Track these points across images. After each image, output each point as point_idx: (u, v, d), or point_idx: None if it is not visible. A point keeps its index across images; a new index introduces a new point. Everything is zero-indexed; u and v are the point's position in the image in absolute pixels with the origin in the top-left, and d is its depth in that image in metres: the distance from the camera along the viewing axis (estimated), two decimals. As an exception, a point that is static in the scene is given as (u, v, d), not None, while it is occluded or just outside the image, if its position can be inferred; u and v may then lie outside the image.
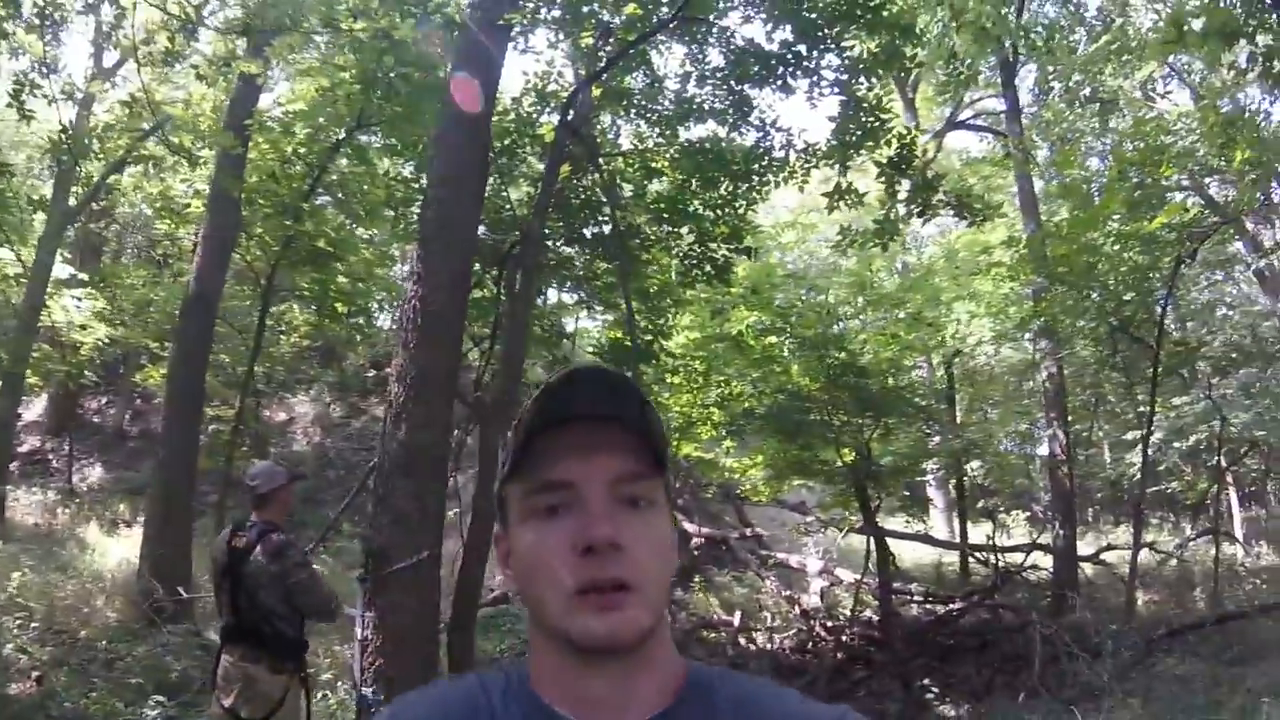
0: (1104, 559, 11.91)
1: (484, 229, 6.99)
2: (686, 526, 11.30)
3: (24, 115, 6.71)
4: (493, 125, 6.46)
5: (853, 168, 7.81)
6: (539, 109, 8.79)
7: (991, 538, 11.31)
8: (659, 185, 9.32)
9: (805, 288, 10.12)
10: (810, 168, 8.08)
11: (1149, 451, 10.40)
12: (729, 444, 11.95)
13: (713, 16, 7.26)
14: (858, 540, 13.19)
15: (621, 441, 0.84)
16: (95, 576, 8.54)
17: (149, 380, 15.30)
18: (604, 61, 7.53)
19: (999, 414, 18.25)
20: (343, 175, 10.91)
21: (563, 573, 0.80)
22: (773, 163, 8.09)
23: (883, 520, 10.07)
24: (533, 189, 8.98)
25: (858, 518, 10.46)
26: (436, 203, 5.51)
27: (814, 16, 6.72)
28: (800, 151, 7.95)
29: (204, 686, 6.04)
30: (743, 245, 8.92)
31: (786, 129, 7.87)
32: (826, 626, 9.64)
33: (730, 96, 7.64)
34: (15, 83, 6.71)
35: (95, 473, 16.22)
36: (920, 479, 15.73)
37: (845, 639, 9.43)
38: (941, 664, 8.63)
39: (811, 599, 10.56)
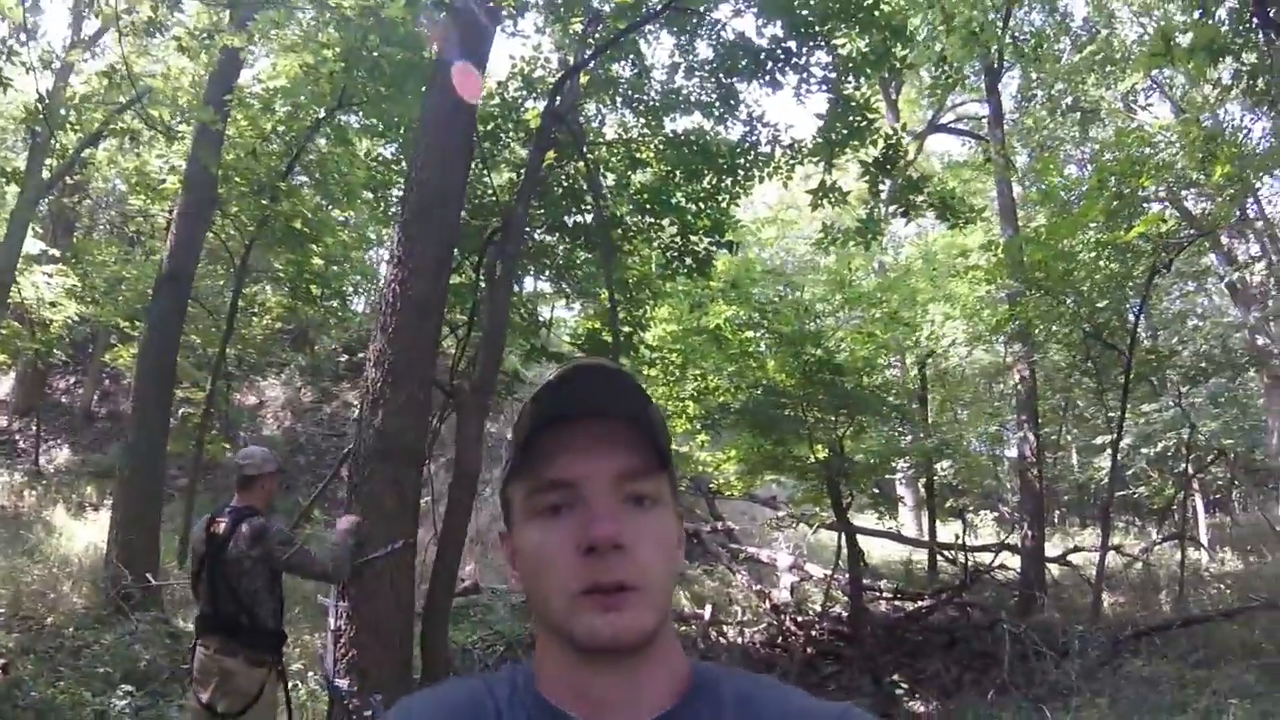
0: (1071, 560, 12.08)
1: (465, 214, 6.91)
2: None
3: (0, 83, 6.55)
4: (478, 109, 6.40)
5: (836, 166, 7.82)
6: (524, 94, 8.72)
7: (961, 537, 11.41)
8: (642, 176, 9.29)
9: (783, 284, 10.13)
10: (795, 164, 8.08)
11: (1118, 456, 10.54)
12: (703, 438, 11.96)
13: (704, 8, 7.23)
14: (827, 536, 13.29)
15: (624, 438, 0.83)
16: (62, 561, 8.40)
17: (118, 360, 15.07)
18: (592, 49, 7.48)
19: (969, 415, 18.44)
20: (322, 155, 10.77)
21: (565, 573, 0.80)
22: (758, 157, 8.08)
23: (853, 517, 10.12)
24: (515, 175, 8.91)
25: (829, 514, 10.51)
26: (419, 186, 5.45)
27: (805, 13, 6.71)
28: (786, 147, 7.95)
29: (172, 676, 5.97)
30: (724, 239, 8.91)
31: (773, 124, 7.87)
32: (796, 621, 9.68)
33: (718, 89, 7.62)
34: (-9, 48, 6.56)
35: (63, 454, 15.95)
36: (890, 477, 15.86)
37: (815, 634, 9.47)
38: (911, 660, 8.69)
39: (782, 594, 10.60)
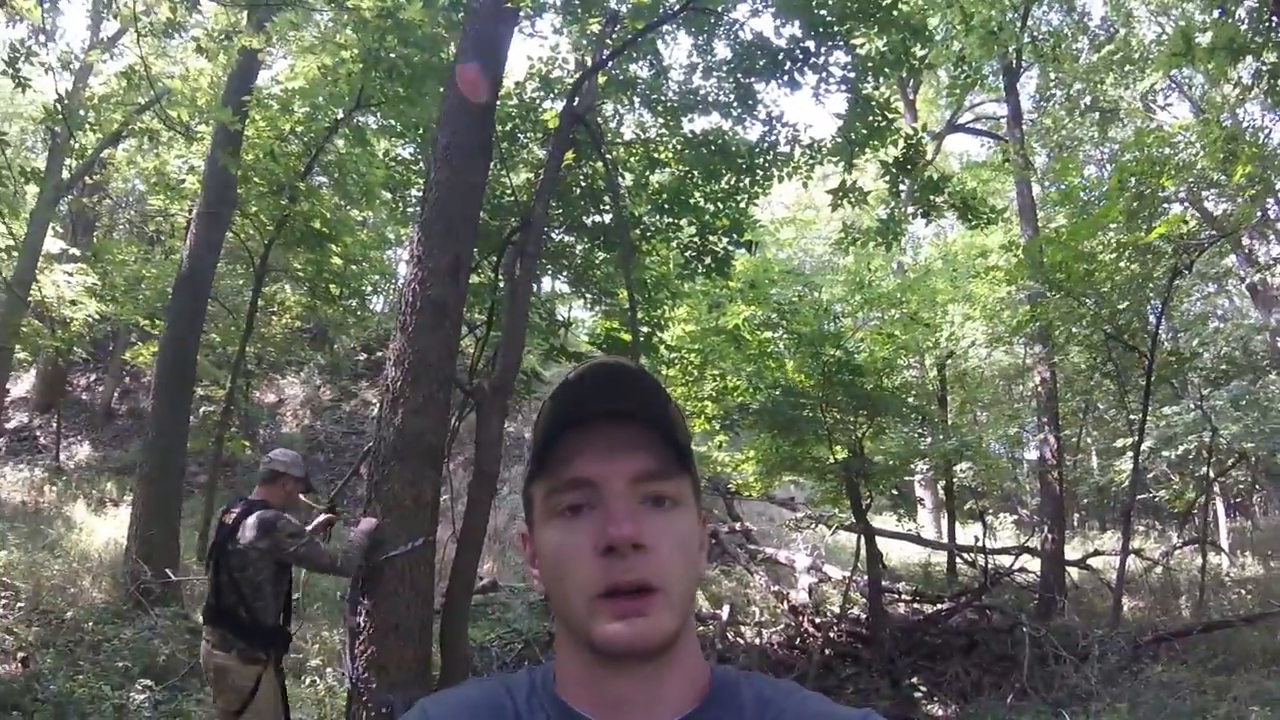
0: (1091, 564, 11.98)
1: (484, 214, 6.92)
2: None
3: (19, 83, 6.60)
4: (496, 109, 6.40)
5: (855, 166, 7.78)
6: (542, 95, 8.73)
7: (980, 539, 11.33)
8: (661, 176, 9.28)
9: (802, 284, 10.08)
10: (815, 164, 8.04)
11: (1139, 459, 10.44)
12: (721, 438, 11.93)
13: (721, 8, 7.20)
14: (846, 538, 13.23)
15: (643, 439, 0.83)
16: (82, 556, 8.47)
17: (138, 358, 15.21)
18: (610, 49, 7.47)
19: (989, 417, 18.33)
20: (340, 155, 10.82)
21: (584, 574, 0.79)
22: (777, 157, 8.04)
23: (872, 519, 10.07)
24: (533, 175, 8.91)
25: (848, 515, 10.46)
26: (438, 186, 5.44)
27: (824, 13, 6.66)
28: (805, 147, 7.91)
29: (191, 670, 6.01)
30: (743, 239, 8.88)
31: (792, 124, 7.83)
32: (814, 623, 9.63)
33: (736, 89, 7.58)
34: (12, 50, 6.60)
35: (83, 450, 16.11)
36: (909, 478, 15.79)
37: (833, 636, 9.42)
38: (930, 663, 8.63)
39: (800, 595, 10.56)
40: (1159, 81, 15.49)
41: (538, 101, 8.79)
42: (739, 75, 7.36)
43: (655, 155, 8.99)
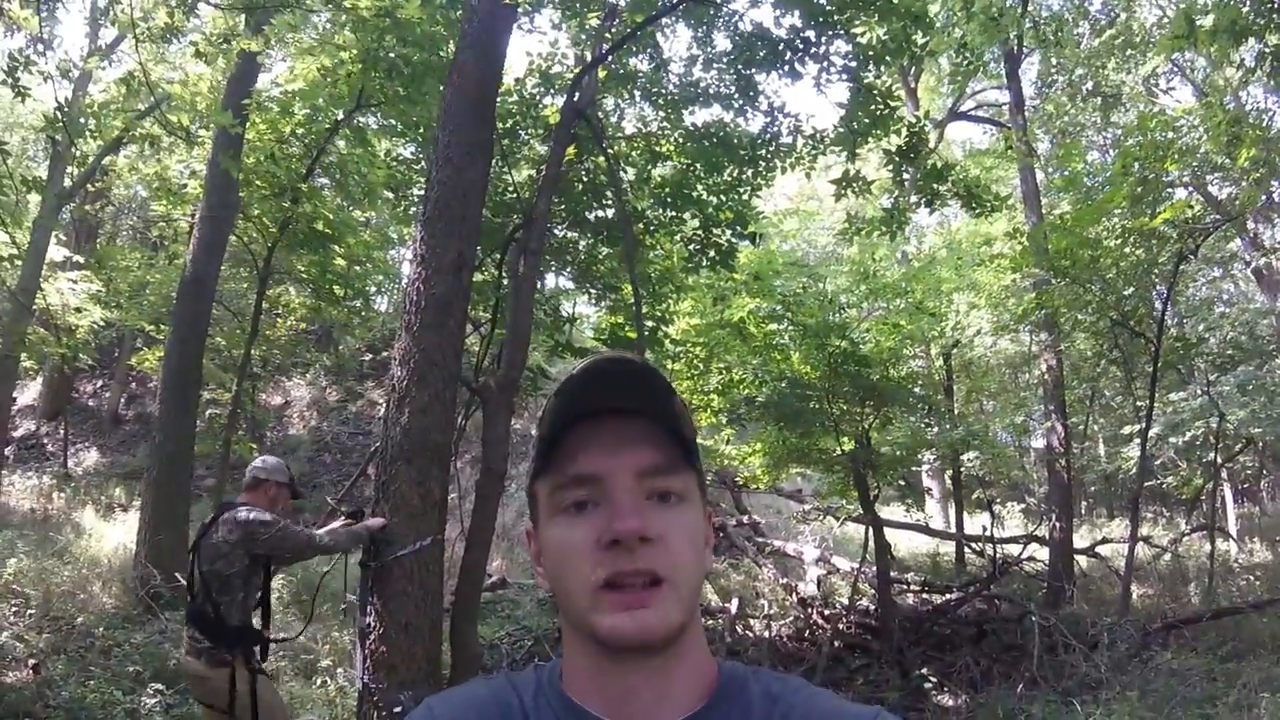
0: (1099, 552, 11.95)
1: (486, 211, 6.91)
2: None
3: (18, 93, 6.59)
4: (496, 106, 6.38)
5: (858, 156, 7.75)
6: (542, 90, 8.71)
7: (989, 529, 11.31)
8: (663, 169, 9.26)
9: (806, 275, 10.05)
10: (817, 154, 8.02)
11: (1146, 446, 10.40)
12: (728, 431, 11.92)
13: (720, 0, 7.18)
14: (854, 529, 13.21)
15: (649, 434, 0.82)
16: (92, 562, 8.48)
17: (144, 364, 15.23)
18: (610, 43, 7.45)
19: (996, 406, 18.30)
20: (342, 156, 10.82)
21: (588, 567, 0.79)
22: (779, 148, 8.02)
23: (879, 509, 10.04)
24: (535, 172, 8.90)
25: (855, 506, 10.45)
26: (439, 185, 5.43)
27: (823, 2, 6.64)
28: (807, 138, 7.89)
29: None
30: (747, 231, 8.86)
31: (794, 114, 7.80)
32: (824, 615, 9.62)
33: (737, 81, 7.56)
34: (10, 59, 6.59)
35: (91, 457, 16.16)
36: (917, 469, 15.77)
37: (842, 627, 9.41)
38: (939, 653, 8.62)
39: (808, 587, 10.55)
40: (1161, 65, 15.44)
41: (538, 97, 8.78)
42: (739, 66, 7.33)
43: (657, 149, 8.97)
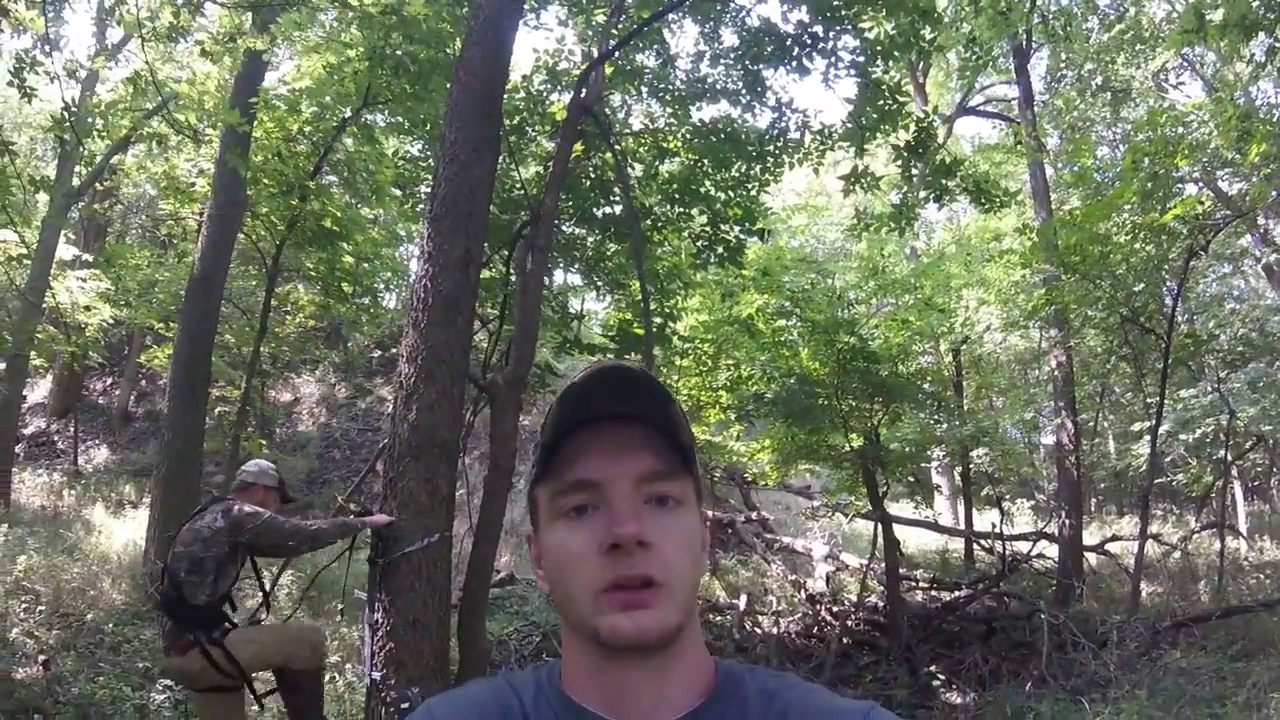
0: (1109, 549, 11.90)
1: (494, 208, 6.91)
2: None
3: (25, 93, 6.60)
4: (503, 103, 6.37)
5: (866, 151, 7.72)
6: (549, 87, 8.70)
7: (998, 526, 11.26)
8: (671, 165, 9.24)
9: (815, 271, 10.02)
10: (825, 150, 7.99)
11: (1157, 443, 10.33)
12: (737, 428, 11.89)
13: (727, -5, 7.16)
14: (863, 526, 13.20)
15: (648, 440, 0.85)
16: (101, 559, 8.53)
17: (154, 361, 15.30)
18: (616, 39, 7.43)
19: (1005, 402, 18.22)
20: (349, 154, 10.83)
21: (589, 571, 0.81)
22: (787, 144, 7.99)
23: (888, 506, 10.01)
24: (542, 168, 8.89)
25: (864, 503, 10.42)
26: (446, 182, 5.42)
27: (831, -3, 6.62)
28: (815, 133, 7.86)
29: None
30: (755, 227, 8.84)
31: (802, 110, 7.77)
32: (832, 611, 9.61)
33: (744, 77, 7.53)
34: (17, 60, 6.60)
35: (101, 454, 16.24)
36: (926, 465, 15.73)
37: (851, 624, 9.40)
38: (948, 651, 8.59)
39: (817, 584, 10.54)
40: (1170, 60, 15.30)
41: (545, 94, 8.77)
42: (747, 62, 7.31)
43: (664, 145, 8.95)
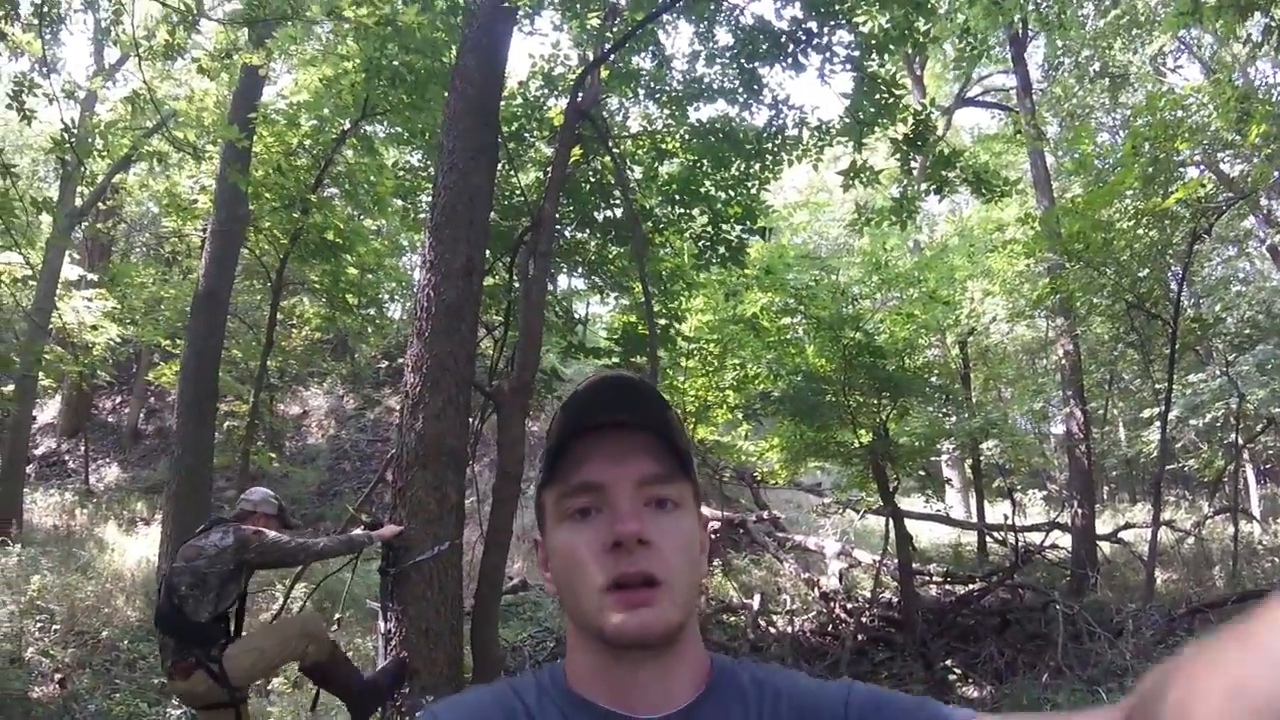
0: (1122, 538, 11.84)
1: (494, 215, 6.92)
2: (703, 510, 11.29)
3: (24, 116, 6.62)
4: (500, 110, 6.38)
5: (865, 146, 7.70)
6: (546, 92, 8.71)
7: (1010, 517, 11.22)
8: (670, 167, 9.24)
9: (818, 268, 10.00)
10: (824, 146, 7.97)
11: (1167, 429, 10.29)
12: (745, 427, 11.87)
13: (720, -6, 7.15)
14: (874, 521, 13.15)
15: (648, 446, 0.89)
16: (115, 576, 8.56)
17: (162, 378, 15.33)
18: (611, 42, 7.43)
19: (1014, 393, 18.17)
20: (350, 166, 10.86)
21: (593, 569, 0.85)
22: (785, 141, 7.98)
23: (899, 501, 9.98)
24: (541, 174, 8.90)
25: (875, 499, 10.39)
26: (446, 190, 5.45)
27: (824, -8, 6.60)
28: (813, 129, 7.84)
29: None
30: (756, 226, 8.82)
31: (799, 107, 7.75)
32: (846, 608, 9.58)
33: (740, 75, 7.52)
34: (15, 83, 6.62)
35: (112, 472, 16.29)
36: (936, 459, 15.67)
37: (865, 621, 9.36)
38: (963, 644, 8.55)
39: (830, 581, 10.51)
40: (1168, 43, 15.25)
41: (542, 99, 8.78)
42: (742, 60, 7.29)
43: (663, 146, 8.95)
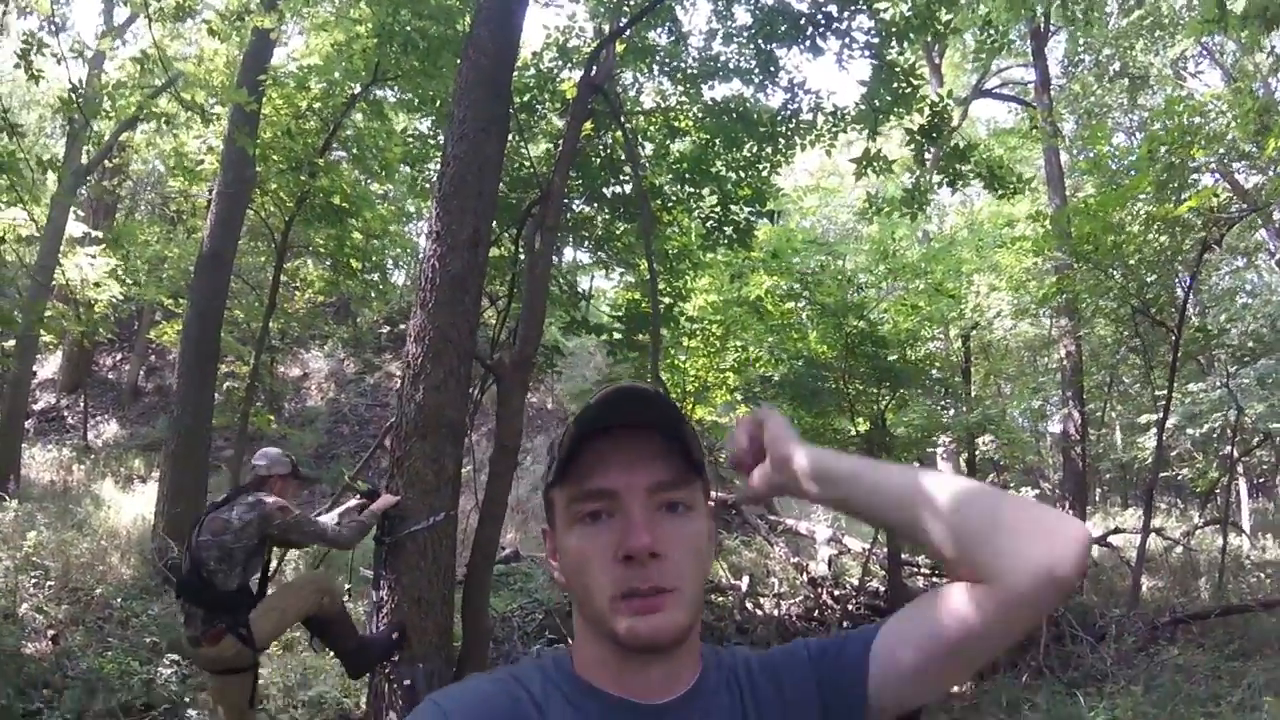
0: (1111, 541, 11.83)
1: (503, 186, 6.87)
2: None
3: (32, 75, 6.55)
4: (513, 81, 6.32)
5: (880, 134, 7.63)
6: (560, 64, 8.63)
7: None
8: (681, 145, 9.16)
9: (825, 253, 9.94)
10: (838, 132, 7.91)
11: (1163, 437, 10.26)
12: (743, 409, 11.87)
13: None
14: (867, 511, 13.12)
15: (660, 450, 0.91)
16: (110, 534, 8.55)
17: (163, 337, 15.34)
18: (628, 16, 7.36)
19: (1013, 389, 18.15)
20: (358, 131, 10.79)
21: (605, 577, 0.88)
22: (799, 125, 7.91)
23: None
24: (552, 146, 8.83)
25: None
26: (455, 160, 5.39)
27: (846, -24, 6.53)
28: (828, 115, 7.77)
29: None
30: (765, 209, 8.76)
31: (814, 91, 7.68)
32: (833, 595, 9.62)
33: (757, 56, 7.44)
34: (24, 42, 6.55)
35: (110, 429, 16.31)
36: (932, 451, 15.67)
37: (852, 608, 9.40)
38: (947, 639, 8.56)
39: (819, 567, 10.54)
40: (1190, 48, 15.12)
41: (555, 71, 8.70)
42: (760, 41, 7.23)
43: (675, 124, 8.89)
